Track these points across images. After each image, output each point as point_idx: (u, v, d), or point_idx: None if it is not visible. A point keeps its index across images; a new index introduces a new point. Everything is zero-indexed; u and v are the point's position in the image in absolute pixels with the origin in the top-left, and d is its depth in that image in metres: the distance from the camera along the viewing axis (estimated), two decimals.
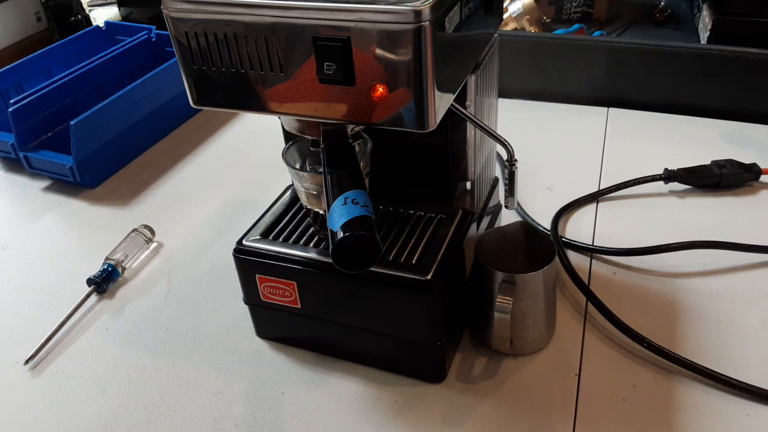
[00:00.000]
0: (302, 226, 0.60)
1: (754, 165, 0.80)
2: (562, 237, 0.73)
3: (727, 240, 0.69)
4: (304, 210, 0.60)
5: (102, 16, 1.95)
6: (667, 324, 0.62)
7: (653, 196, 0.80)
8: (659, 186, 0.81)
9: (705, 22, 1.35)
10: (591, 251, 0.71)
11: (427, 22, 0.40)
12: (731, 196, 0.79)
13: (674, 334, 0.61)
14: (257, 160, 0.93)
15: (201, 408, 0.57)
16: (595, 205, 0.79)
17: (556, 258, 0.57)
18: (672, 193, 0.80)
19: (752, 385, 0.54)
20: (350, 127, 0.49)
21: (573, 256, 0.71)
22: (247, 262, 0.58)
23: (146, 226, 0.78)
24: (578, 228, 0.75)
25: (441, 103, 0.45)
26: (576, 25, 1.48)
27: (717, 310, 0.63)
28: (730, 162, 0.80)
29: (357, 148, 0.52)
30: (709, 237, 0.70)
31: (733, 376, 0.55)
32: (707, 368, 0.56)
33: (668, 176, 0.79)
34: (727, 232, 0.71)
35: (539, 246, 0.60)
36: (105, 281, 0.71)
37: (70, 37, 1.09)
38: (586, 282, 0.67)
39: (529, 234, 0.61)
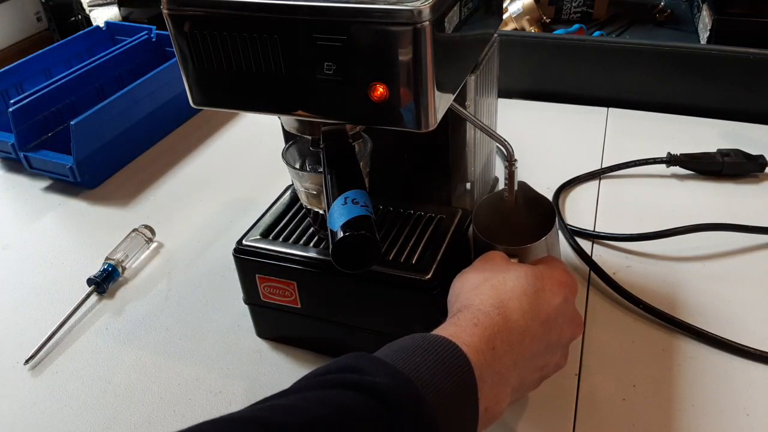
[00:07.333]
0: (302, 226, 0.60)
1: (760, 157, 0.80)
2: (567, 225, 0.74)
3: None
4: (304, 210, 0.60)
5: (102, 16, 1.95)
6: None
7: (654, 184, 0.81)
8: (660, 176, 0.82)
9: (705, 22, 1.35)
10: (593, 237, 0.72)
11: (427, 22, 0.40)
12: (732, 183, 0.80)
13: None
14: (257, 160, 0.93)
15: (201, 408, 0.57)
16: (595, 202, 0.79)
17: (557, 224, 0.56)
18: (674, 175, 0.82)
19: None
20: (350, 127, 0.49)
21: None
22: (247, 262, 0.58)
23: (146, 226, 0.78)
24: (578, 216, 0.75)
25: (441, 103, 0.45)
26: (576, 25, 1.49)
27: (719, 295, 0.63)
28: (735, 151, 0.81)
29: (357, 148, 0.52)
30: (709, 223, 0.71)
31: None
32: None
33: (670, 160, 0.81)
34: (728, 218, 0.72)
35: (538, 208, 0.58)
36: (105, 281, 0.71)
37: (70, 38, 1.09)
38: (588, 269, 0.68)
39: (526, 194, 0.59)
